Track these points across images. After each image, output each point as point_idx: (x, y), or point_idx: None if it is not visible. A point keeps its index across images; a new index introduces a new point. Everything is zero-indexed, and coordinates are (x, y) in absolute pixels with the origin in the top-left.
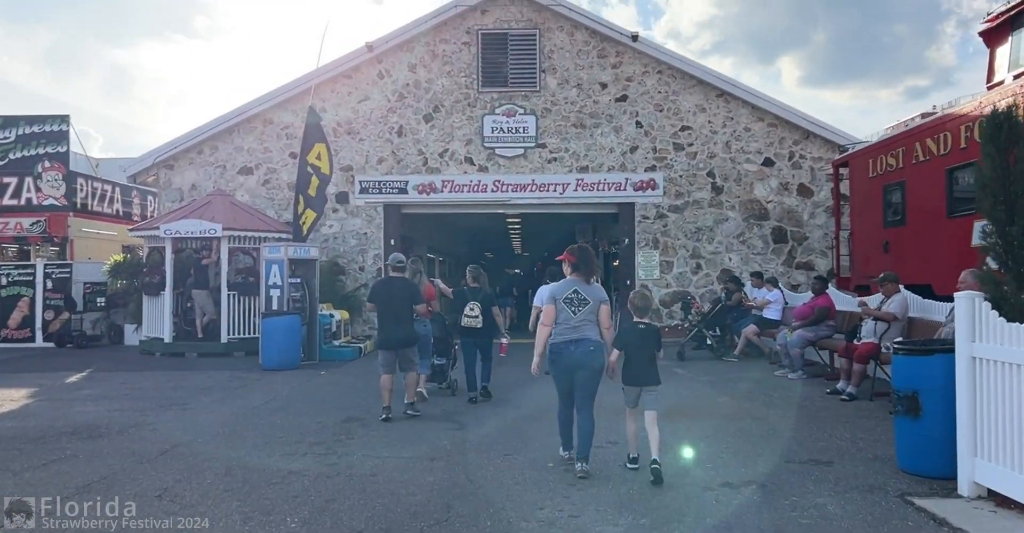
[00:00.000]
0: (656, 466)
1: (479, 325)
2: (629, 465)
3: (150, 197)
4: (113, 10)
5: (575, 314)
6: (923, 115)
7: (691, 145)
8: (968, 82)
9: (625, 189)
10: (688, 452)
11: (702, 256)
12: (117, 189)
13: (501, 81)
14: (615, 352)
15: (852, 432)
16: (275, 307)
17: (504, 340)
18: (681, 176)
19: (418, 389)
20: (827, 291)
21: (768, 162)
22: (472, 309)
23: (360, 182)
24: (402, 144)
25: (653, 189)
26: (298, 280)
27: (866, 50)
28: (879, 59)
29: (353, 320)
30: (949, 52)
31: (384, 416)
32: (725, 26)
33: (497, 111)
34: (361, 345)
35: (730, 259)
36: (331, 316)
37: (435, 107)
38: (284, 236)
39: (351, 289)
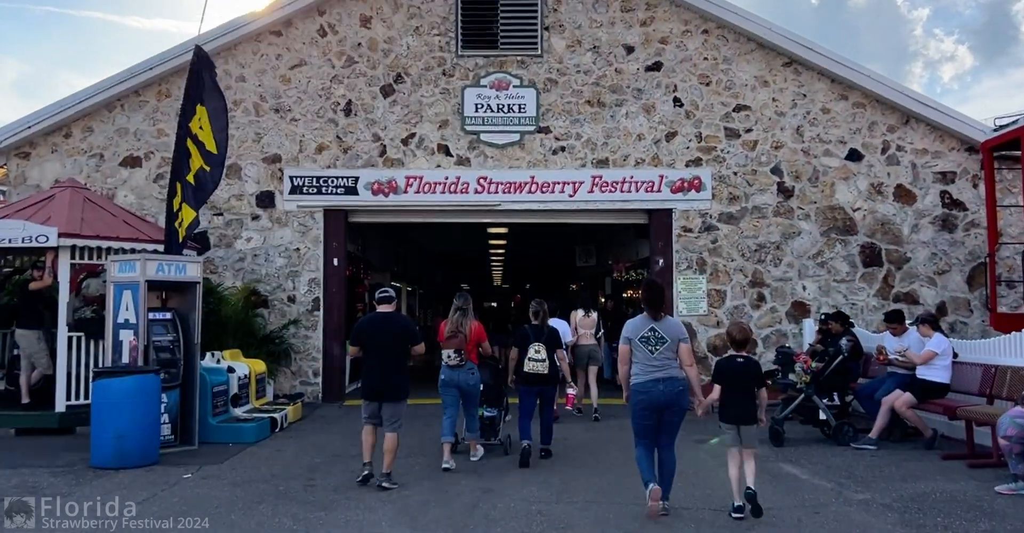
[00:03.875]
0: (751, 491)
1: (545, 370)
2: (734, 514)
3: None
4: None
5: (653, 353)
6: None
7: (749, 131)
8: None
9: (659, 190)
10: None
11: (765, 284)
12: None
13: (489, 41)
14: (716, 388)
15: None
16: (124, 360)
17: (571, 391)
18: (736, 173)
19: (472, 457)
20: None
21: (854, 155)
22: (538, 351)
23: (291, 178)
24: (351, 126)
25: (698, 191)
26: (168, 315)
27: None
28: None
29: (277, 373)
30: None
31: (362, 475)
32: None
33: (483, 82)
34: (276, 415)
35: (804, 288)
36: (228, 371)
37: (397, 76)
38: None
39: (277, 328)
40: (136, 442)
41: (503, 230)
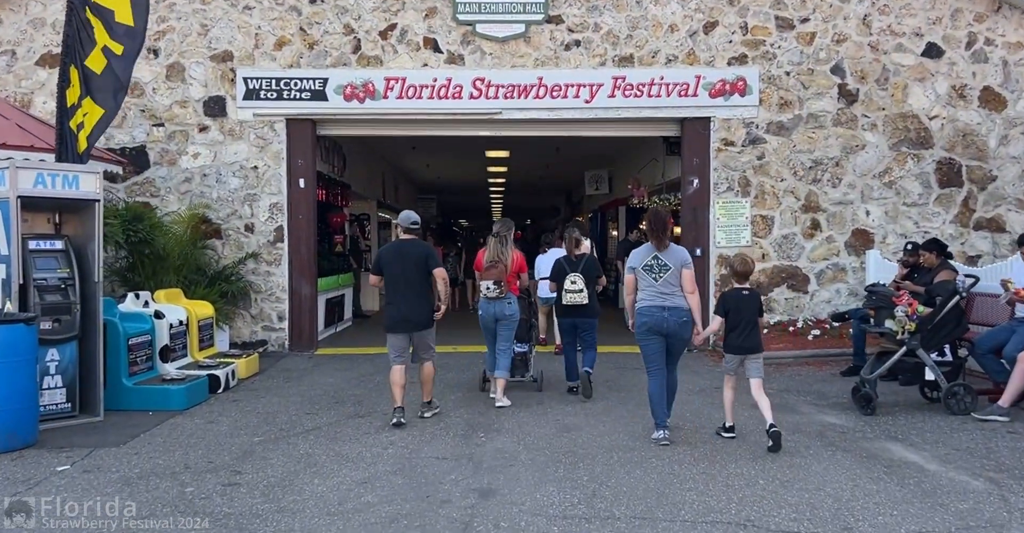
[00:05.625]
0: (775, 429)
1: (584, 301)
2: (724, 434)
3: None
4: None
5: (656, 281)
6: None
7: (806, 21)
8: None
9: (695, 94)
10: None
11: (821, 208)
12: None
13: None
14: (717, 320)
15: None
16: None
17: None
18: (789, 73)
19: (497, 404)
20: None
21: (933, 51)
22: (574, 282)
23: (245, 81)
24: (317, 16)
25: (742, 94)
26: (59, 245)
27: None
28: None
29: (235, 317)
30: None
31: (395, 419)
32: None
33: None
34: (219, 371)
35: (867, 213)
36: (156, 317)
37: None
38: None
39: (232, 262)
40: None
41: (504, 154)
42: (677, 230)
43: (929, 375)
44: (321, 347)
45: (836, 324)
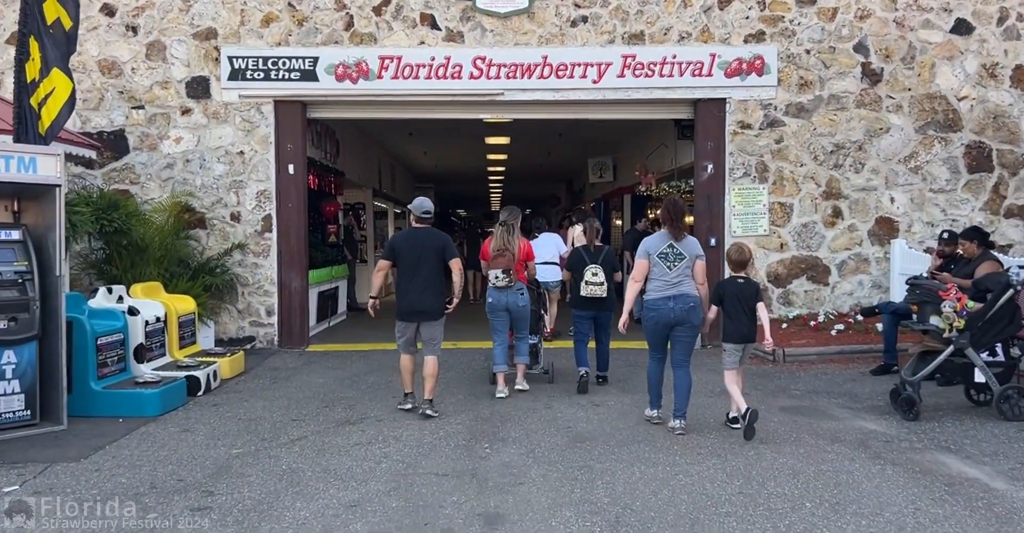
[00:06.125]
0: (742, 422)
1: (604, 294)
2: (731, 425)
3: None
4: None
5: (671, 269)
6: None
7: None
8: None
9: (710, 74)
10: None
11: (843, 195)
12: None
13: None
14: (713, 308)
15: None
16: None
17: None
18: (809, 52)
19: (517, 386)
20: None
21: (962, 27)
22: (596, 274)
23: (231, 60)
24: None
25: (759, 74)
26: (14, 235)
27: None
28: None
29: (220, 312)
30: None
31: (404, 405)
32: None
33: None
34: (199, 372)
35: (891, 200)
36: (129, 314)
37: None
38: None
39: (217, 254)
40: None
41: (504, 140)
42: (689, 219)
43: (979, 377)
44: (313, 343)
45: (860, 318)
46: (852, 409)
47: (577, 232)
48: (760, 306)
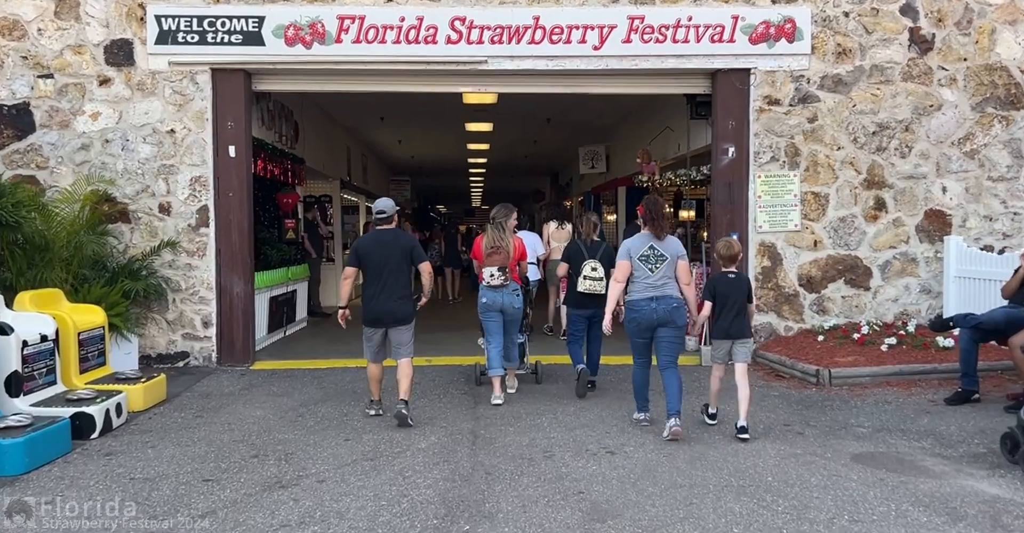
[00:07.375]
0: (745, 436)
1: (603, 290)
2: (708, 420)
3: None
4: None
5: (652, 272)
6: None
7: None
8: None
9: (732, 39)
10: None
11: (887, 184)
12: None
13: None
14: (707, 305)
15: None
16: None
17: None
18: (848, 14)
19: (509, 390)
20: None
21: None
22: (595, 269)
23: (159, 19)
24: None
25: (790, 40)
26: None
27: None
28: None
29: (146, 323)
30: None
31: (372, 411)
32: None
33: None
34: (92, 408)
35: (943, 189)
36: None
37: None
38: None
39: (142, 253)
40: None
41: (487, 127)
42: (692, 215)
43: None
44: (260, 359)
45: (911, 329)
46: (947, 458)
47: (552, 228)
48: (751, 305)
